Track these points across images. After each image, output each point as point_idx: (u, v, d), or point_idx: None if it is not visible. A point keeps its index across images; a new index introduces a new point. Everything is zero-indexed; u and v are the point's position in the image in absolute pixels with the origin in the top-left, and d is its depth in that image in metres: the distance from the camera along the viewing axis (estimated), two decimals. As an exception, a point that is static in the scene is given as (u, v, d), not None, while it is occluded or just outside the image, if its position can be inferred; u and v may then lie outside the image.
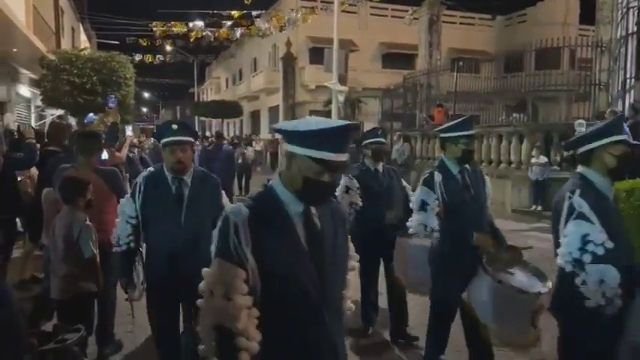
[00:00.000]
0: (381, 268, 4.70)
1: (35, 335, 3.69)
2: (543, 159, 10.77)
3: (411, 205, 3.64)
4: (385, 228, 4.20)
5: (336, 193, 4.25)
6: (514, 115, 14.67)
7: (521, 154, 11.85)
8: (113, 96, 9.97)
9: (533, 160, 10.85)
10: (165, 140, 3.09)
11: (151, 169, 3.40)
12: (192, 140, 3.21)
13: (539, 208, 10.75)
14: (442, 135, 3.50)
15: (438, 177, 3.39)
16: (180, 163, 3.09)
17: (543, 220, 10.50)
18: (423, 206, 3.40)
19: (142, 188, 3.13)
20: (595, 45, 13.11)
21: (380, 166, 4.51)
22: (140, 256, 3.33)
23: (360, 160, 4.68)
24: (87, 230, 3.52)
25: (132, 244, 3.20)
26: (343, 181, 4.37)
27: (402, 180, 4.68)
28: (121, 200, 3.27)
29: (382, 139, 4.56)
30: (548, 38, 13.89)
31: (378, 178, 4.45)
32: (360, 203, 4.34)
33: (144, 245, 3.30)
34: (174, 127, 3.10)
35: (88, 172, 3.89)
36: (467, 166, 3.51)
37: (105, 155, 5.49)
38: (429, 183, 3.41)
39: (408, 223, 3.52)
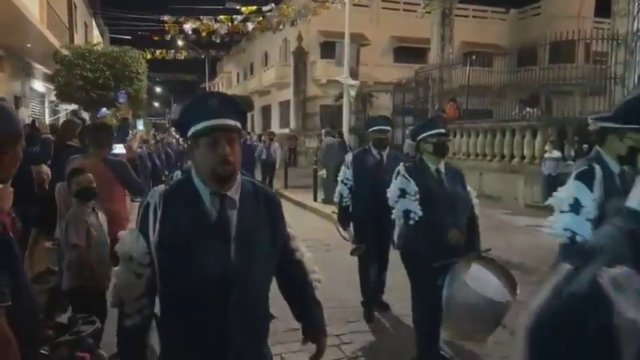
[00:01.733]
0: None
1: (51, 327, 3.74)
2: (557, 154, 10.65)
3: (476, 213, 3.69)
4: (446, 247, 3.42)
5: (389, 195, 3.72)
6: (527, 109, 14.49)
7: (534, 148, 11.73)
8: (124, 91, 10.06)
9: (547, 155, 10.73)
10: (198, 127, 1.73)
11: (177, 177, 3.07)
12: (241, 127, 1.83)
13: (553, 203, 10.65)
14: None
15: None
16: (227, 165, 1.71)
17: (557, 215, 10.41)
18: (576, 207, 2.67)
19: (160, 213, 1.73)
20: (611, 38, 12.91)
21: (442, 166, 3.66)
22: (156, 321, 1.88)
23: (415, 158, 3.85)
24: (76, 218, 3.54)
25: (145, 313, 1.79)
26: (398, 182, 3.65)
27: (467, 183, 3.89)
28: (121, 235, 1.86)
29: (443, 130, 3.64)
30: (563, 31, 13.71)
31: (440, 180, 3.61)
32: (420, 212, 3.51)
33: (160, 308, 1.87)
34: (212, 102, 1.75)
35: (97, 162, 3.95)
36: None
37: (121, 149, 5.53)
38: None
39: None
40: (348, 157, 4.91)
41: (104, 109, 14.95)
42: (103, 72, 13.72)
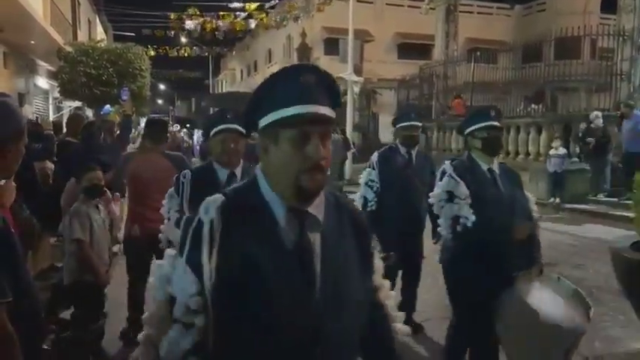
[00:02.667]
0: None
1: (53, 323, 3.75)
2: (562, 150, 10.59)
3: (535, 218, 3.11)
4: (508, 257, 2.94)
5: (431, 201, 3.18)
6: (532, 105, 14.43)
7: (539, 145, 11.68)
8: (127, 88, 10.05)
9: (552, 152, 10.68)
10: (283, 113, 1.23)
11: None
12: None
13: (558, 200, 10.60)
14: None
15: None
16: (318, 173, 1.24)
17: (561, 212, 10.36)
18: None
19: (219, 239, 1.22)
20: (617, 34, 12.83)
21: (495, 165, 3.09)
22: None
23: (464, 155, 3.26)
24: (80, 214, 3.55)
25: None
26: (444, 184, 3.06)
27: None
28: (155, 264, 1.36)
29: (496, 123, 3.06)
30: (568, 27, 13.62)
31: (495, 181, 3.05)
32: (473, 217, 2.93)
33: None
34: (307, 79, 1.26)
35: (158, 157, 4.01)
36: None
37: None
38: None
39: None
40: (374, 156, 4.37)
41: (107, 106, 14.96)
42: (107, 69, 13.72)
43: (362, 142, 23.72)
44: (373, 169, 4.28)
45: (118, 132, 6.77)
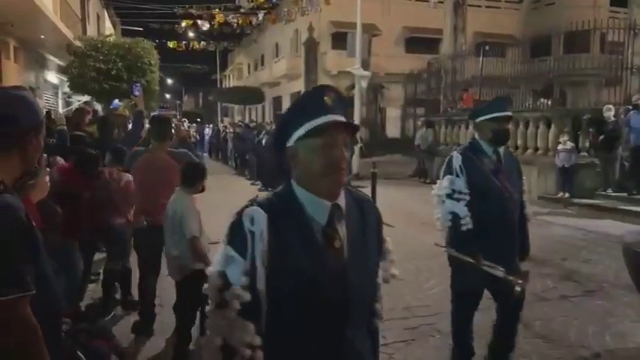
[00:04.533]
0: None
1: (68, 315, 3.80)
2: (570, 145, 10.54)
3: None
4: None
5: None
6: (541, 100, 14.34)
7: (548, 139, 11.62)
8: (139, 83, 10.07)
9: (560, 147, 10.62)
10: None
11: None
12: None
13: (566, 195, 10.55)
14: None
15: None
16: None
17: (570, 207, 10.33)
18: None
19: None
20: (627, 27, 12.71)
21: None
22: None
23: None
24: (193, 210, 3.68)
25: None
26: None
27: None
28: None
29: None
30: (578, 21, 13.51)
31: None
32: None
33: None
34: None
35: (163, 155, 4.03)
36: None
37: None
38: None
39: None
40: (455, 159, 3.26)
41: (116, 101, 14.97)
42: (116, 63, 13.75)
43: (369, 137, 23.73)
44: (457, 175, 3.24)
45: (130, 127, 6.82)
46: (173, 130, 4.62)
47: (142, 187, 4.19)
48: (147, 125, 7.47)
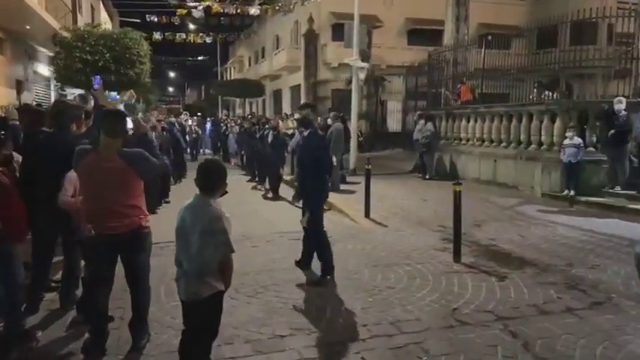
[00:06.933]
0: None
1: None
2: (577, 140, 9.97)
3: None
4: None
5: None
6: (546, 92, 13.77)
7: (553, 134, 11.07)
8: (99, 77, 9.63)
9: (567, 142, 10.06)
10: None
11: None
12: None
13: (572, 192, 9.99)
14: None
15: None
16: None
17: (575, 205, 9.79)
18: None
19: None
20: (637, 17, 12.13)
21: None
22: None
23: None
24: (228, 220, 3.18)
25: None
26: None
27: None
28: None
29: None
30: (585, 9, 12.92)
31: None
32: None
33: None
34: None
35: (112, 156, 3.54)
36: None
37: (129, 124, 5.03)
38: None
39: None
40: None
41: (114, 94, 14.52)
42: (103, 54, 13.25)
43: (369, 131, 23.17)
44: None
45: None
46: (131, 125, 4.08)
47: (87, 192, 3.70)
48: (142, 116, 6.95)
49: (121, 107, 12.06)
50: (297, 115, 11.18)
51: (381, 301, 4.88)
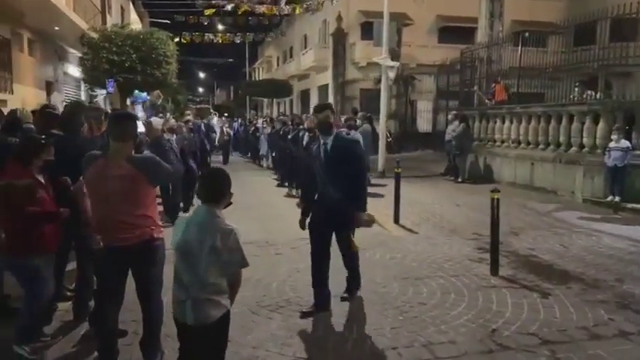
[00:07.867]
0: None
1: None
2: (625, 143, 9.32)
3: None
4: None
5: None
6: (588, 92, 13.10)
7: (595, 136, 10.45)
8: (112, 80, 9.50)
9: (612, 145, 9.43)
10: None
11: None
12: None
13: (617, 198, 9.37)
14: None
15: None
16: None
17: (621, 212, 9.18)
18: None
19: None
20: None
21: None
22: None
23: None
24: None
25: None
26: None
27: None
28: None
29: None
30: (626, 4, 12.24)
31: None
32: None
33: None
34: None
35: (121, 163, 3.28)
36: None
37: (141, 128, 4.78)
38: None
39: None
40: None
41: (145, 94, 14.43)
42: (130, 55, 13.17)
43: (399, 131, 22.69)
44: None
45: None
46: (142, 129, 3.82)
47: (95, 200, 3.44)
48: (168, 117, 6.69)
49: (148, 107, 11.98)
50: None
51: (413, 320, 4.50)
